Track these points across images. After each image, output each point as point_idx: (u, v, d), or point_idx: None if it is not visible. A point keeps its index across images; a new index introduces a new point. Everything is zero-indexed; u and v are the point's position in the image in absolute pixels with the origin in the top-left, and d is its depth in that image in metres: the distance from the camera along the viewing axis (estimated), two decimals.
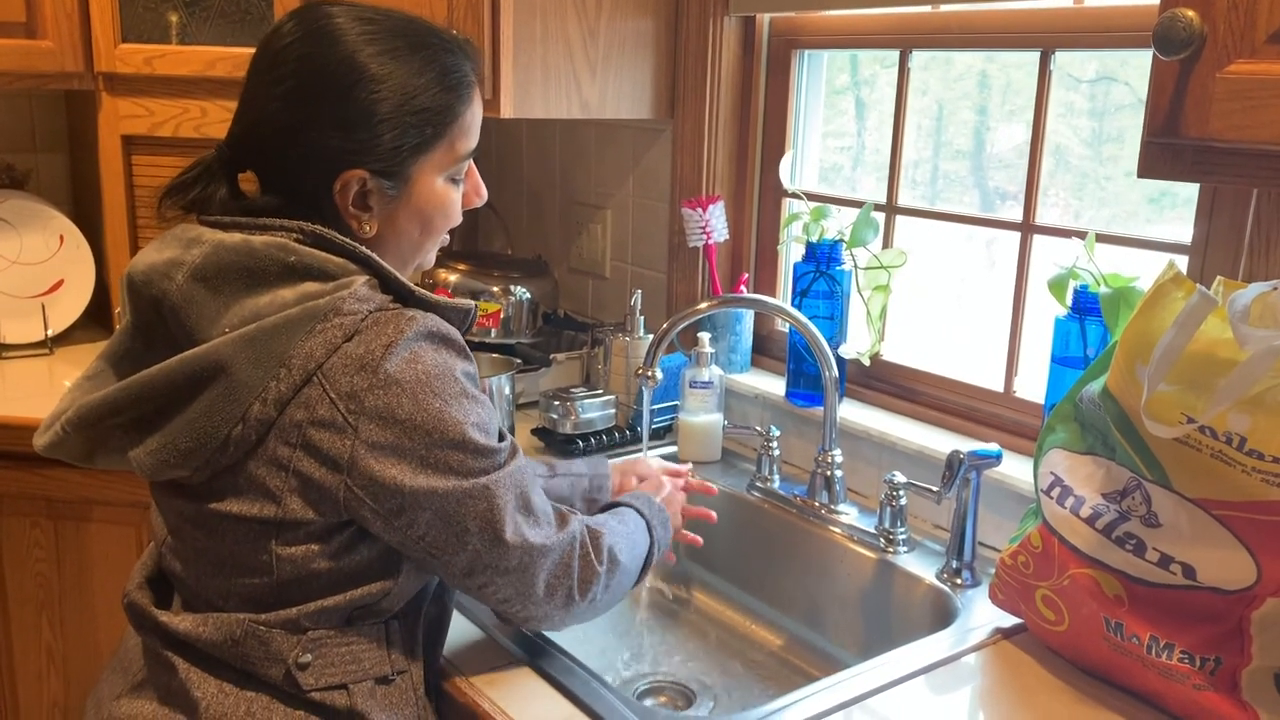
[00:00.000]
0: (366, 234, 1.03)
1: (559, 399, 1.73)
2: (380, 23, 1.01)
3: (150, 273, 0.99)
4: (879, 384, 1.68)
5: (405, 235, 1.06)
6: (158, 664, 1.03)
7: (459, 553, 0.98)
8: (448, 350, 0.98)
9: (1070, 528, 1.08)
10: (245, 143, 1.03)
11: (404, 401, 0.93)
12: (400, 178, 1.02)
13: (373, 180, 1.01)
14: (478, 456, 0.97)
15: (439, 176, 1.05)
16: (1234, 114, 0.81)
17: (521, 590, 1.03)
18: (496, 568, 1.00)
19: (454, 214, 1.09)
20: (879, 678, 1.12)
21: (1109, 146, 1.49)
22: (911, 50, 1.61)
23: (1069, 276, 1.34)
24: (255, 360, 0.93)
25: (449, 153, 1.05)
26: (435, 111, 1.02)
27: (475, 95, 1.06)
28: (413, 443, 0.94)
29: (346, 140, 0.99)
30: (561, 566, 1.05)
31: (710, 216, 1.79)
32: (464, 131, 1.05)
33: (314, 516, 0.95)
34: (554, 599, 1.06)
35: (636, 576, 1.19)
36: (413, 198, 1.04)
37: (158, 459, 0.96)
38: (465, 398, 0.97)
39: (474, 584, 1.02)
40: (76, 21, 1.86)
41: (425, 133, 1.02)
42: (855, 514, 1.51)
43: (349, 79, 0.98)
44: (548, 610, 1.07)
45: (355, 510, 0.95)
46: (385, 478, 0.94)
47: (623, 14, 1.78)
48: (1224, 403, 0.93)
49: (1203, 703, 1.01)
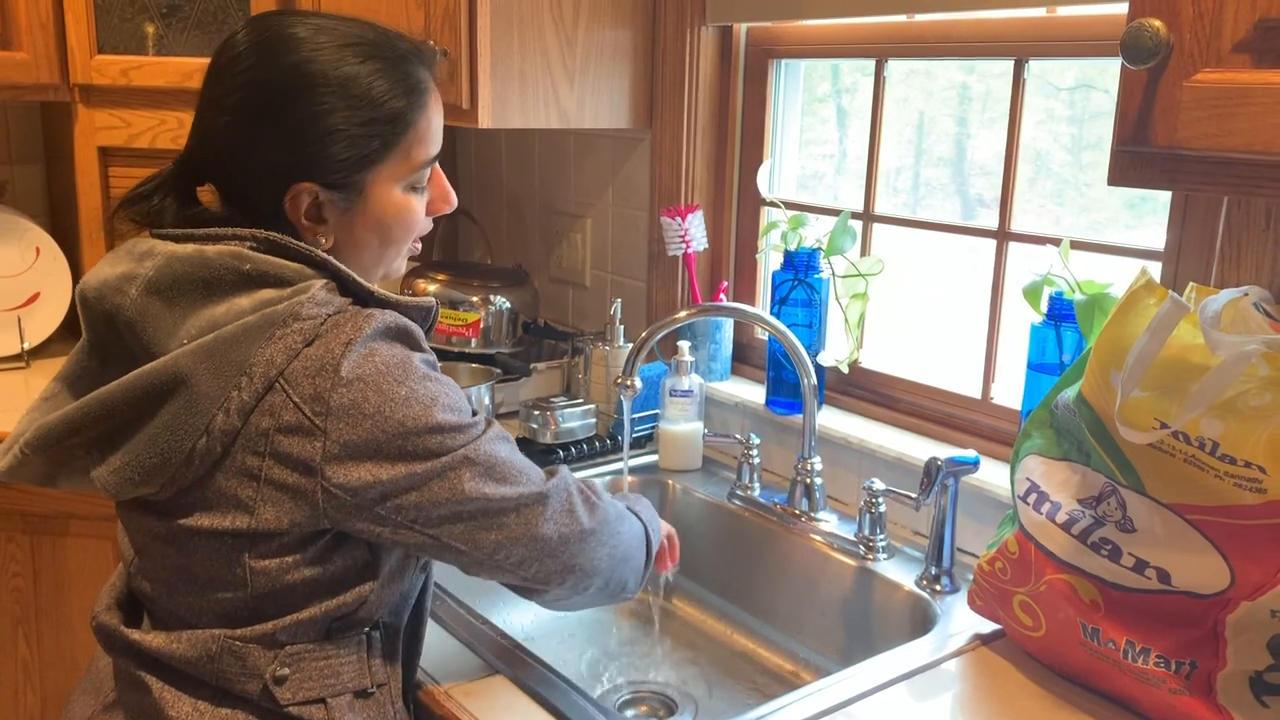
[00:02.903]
0: (323, 246, 1.02)
1: (539, 409, 1.73)
2: (331, 32, 1.00)
3: (103, 288, 0.97)
4: (858, 391, 1.69)
5: (364, 246, 1.05)
6: (130, 685, 1.01)
7: (455, 525, 0.97)
8: (403, 344, 0.97)
9: (1046, 533, 1.09)
10: (198, 155, 1.03)
11: (369, 395, 0.93)
12: (353, 189, 1.01)
13: (324, 193, 1.00)
14: (453, 434, 0.96)
15: (396, 186, 1.04)
16: (1201, 122, 0.82)
17: (532, 546, 1.01)
18: (497, 530, 0.99)
19: (415, 223, 1.07)
20: (859, 685, 1.12)
21: (1088, 153, 1.50)
22: (888, 59, 1.61)
23: (1044, 283, 1.34)
24: (215, 370, 0.92)
25: (404, 161, 1.03)
26: (385, 121, 1.00)
27: (431, 101, 1.04)
28: (386, 435, 0.93)
29: (294, 153, 0.98)
30: (563, 511, 1.03)
31: (689, 225, 1.79)
32: (420, 139, 1.03)
33: (289, 525, 0.94)
34: (568, 545, 1.03)
35: (642, 553, 1.16)
36: (369, 208, 1.03)
37: (121, 477, 0.95)
38: (428, 380, 0.96)
39: (484, 556, 0.99)
40: (52, 33, 1.86)
41: (375, 143, 1.00)
42: (835, 521, 1.51)
43: (295, 90, 0.97)
44: (565, 560, 1.04)
45: (335, 511, 0.94)
46: (363, 474, 0.93)
47: (600, 24, 1.78)
48: (1196, 408, 0.94)
49: (1179, 706, 1.01)
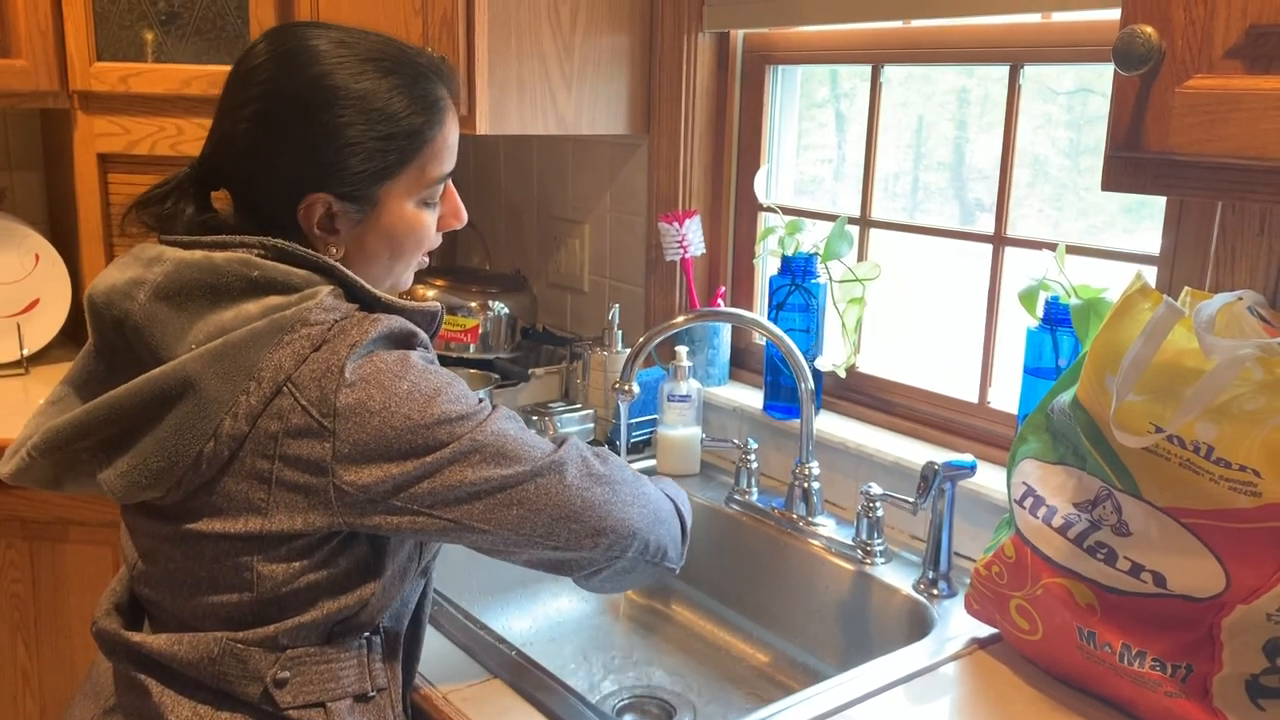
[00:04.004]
0: (334, 256, 1.03)
1: (538, 414, 1.74)
2: (352, 46, 1.01)
3: (111, 294, 0.98)
4: (855, 396, 1.69)
5: (374, 259, 1.06)
6: (130, 689, 1.02)
7: (475, 503, 0.97)
8: (406, 347, 0.99)
9: (1043, 537, 1.09)
10: (214, 161, 1.03)
11: (373, 393, 0.93)
12: (367, 202, 1.02)
13: (338, 204, 1.01)
14: (460, 422, 0.96)
15: (409, 200, 1.05)
16: (1193, 128, 0.82)
17: (557, 512, 1.00)
18: (520, 504, 0.98)
19: (425, 238, 1.08)
20: (857, 689, 1.12)
21: (1086, 158, 1.50)
22: (884, 65, 1.62)
23: (1039, 288, 1.35)
24: (223, 375, 0.92)
25: (419, 177, 1.04)
26: (403, 136, 1.01)
27: (448, 119, 1.05)
28: (395, 430, 0.93)
29: (311, 164, 0.99)
30: (581, 474, 1.02)
31: (687, 231, 1.80)
32: (435, 155, 1.04)
33: (302, 527, 0.95)
34: (593, 507, 1.02)
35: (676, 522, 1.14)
36: (381, 222, 1.04)
37: (129, 480, 0.95)
38: (429, 374, 0.97)
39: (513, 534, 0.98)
40: (51, 40, 1.86)
41: (391, 158, 1.01)
42: (833, 526, 1.52)
43: (314, 102, 0.98)
44: (593, 521, 1.02)
45: (349, 509, 0.94)
46: (375, 471, 0.93)
47: (598, 30, 1.79)
48: (1191, 412, 0.94)
49: (1175, 710, 1.01)
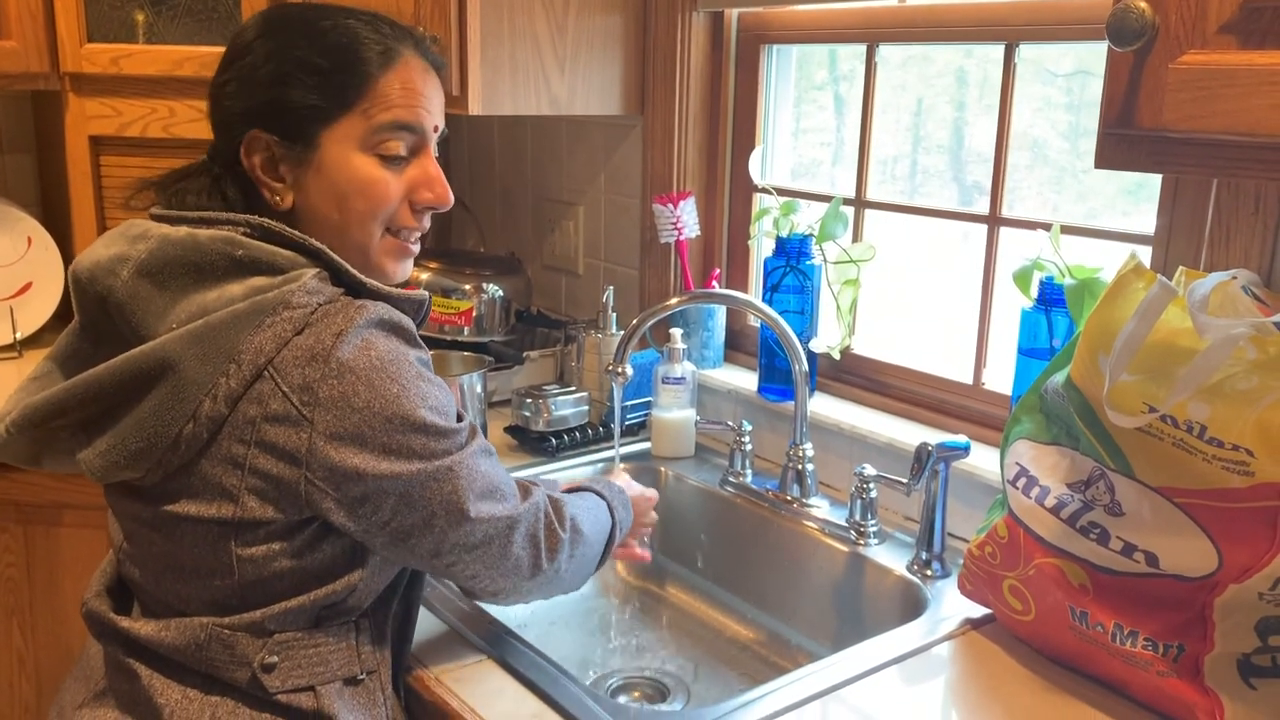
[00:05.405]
0: (280, 205, 1.01)
1: (532, 397, 1.73)
2: (338, 6, 1.02)
3: (95, 270, 0.98)
4: (850, 377, 1.69)
5: (322, 215, 1.02)
6: (119, 672, 1.02)
7: (425, 535, 0.98)
8: (399, 338, 0.97)
9: (1035, 518, 1.09)
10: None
11: (359, 388, 0.92)
12: (306, 144, 1.00)
13: (278, 146, 1.00)
14: (438, 438, 0.97)
15: (354, 148, 1.01)
16: (1187, 104, 0.81)
17: (489, 564, 1.04)
18: (463, 545, 1.01)
19: (378, 197, 1.02)
20: (851, 669, 1.12)
21: (1085, 140, 1.49)
22: (878, 44, 1.61)
23: (1033, 268, 1.34)
24: (204, 356, 0.91)
25: (362, 122, 1.01)
26: (344, 71, 1.00)
27: (401, 67, 1.02)
28: (372, 429, 0.93)
29: (251, 96, 1.00)
30: (528, 537, 1.06)
31: (681, 212, 1.79)
32: (382, 99, 1.01)
33: (274, 515, 0.94)
34: (521, 570, 1.07)
35: (601, 552, 1.19)
36: (324, 169, 1.01)
37: (107, 460, 0.95)
38: (421, 380, 0.96)
39: (442, 564, 1.02)
40: (41, 21, 1.84)
41: (330, 94, 0.99)
42: (827, 507, 1.52)
43: (267, 33, 1.00)
44: (515, 582, 1.07)
45: (317, 503, 0.94)
46: (346, 467, 0.93)
47: (591, 10, 1.77)
48: (1184, 392, 0.94)
49: (1167, 689, 1.01)
